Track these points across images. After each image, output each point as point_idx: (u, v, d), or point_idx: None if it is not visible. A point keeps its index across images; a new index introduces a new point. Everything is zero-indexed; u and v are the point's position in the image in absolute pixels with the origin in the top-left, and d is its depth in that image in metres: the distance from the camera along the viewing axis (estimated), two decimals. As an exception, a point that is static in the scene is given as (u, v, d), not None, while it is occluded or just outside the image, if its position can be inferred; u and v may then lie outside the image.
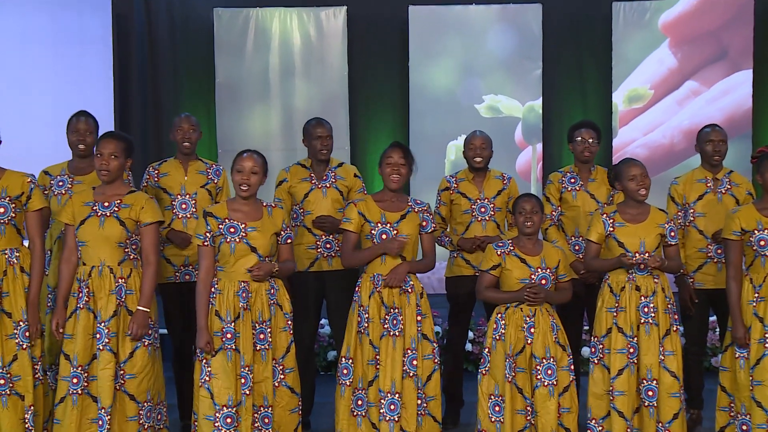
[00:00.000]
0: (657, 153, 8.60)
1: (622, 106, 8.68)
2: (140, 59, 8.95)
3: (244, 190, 4.43)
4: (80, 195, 4.56)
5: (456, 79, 8.66)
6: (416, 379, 4.60)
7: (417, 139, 8.46)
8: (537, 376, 4.55)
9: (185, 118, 5.34)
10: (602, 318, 4.73)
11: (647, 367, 4.61)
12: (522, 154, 8.68)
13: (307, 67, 8.70)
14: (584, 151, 5.33)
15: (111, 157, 4.46)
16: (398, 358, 4.55)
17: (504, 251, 4.70)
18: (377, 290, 4.62)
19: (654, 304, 4.65)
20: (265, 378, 4.43)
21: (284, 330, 4.52)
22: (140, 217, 4.49)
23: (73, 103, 6.56)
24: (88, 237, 4.44)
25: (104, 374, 4.36)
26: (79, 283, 4.45)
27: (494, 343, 4.66)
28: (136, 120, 8.92)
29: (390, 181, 4.67)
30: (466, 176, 5.49)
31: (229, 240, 4.40)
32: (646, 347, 4.63)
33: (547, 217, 5.34)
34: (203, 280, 4.42)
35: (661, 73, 8.67)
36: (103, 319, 4.40)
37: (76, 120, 5.08)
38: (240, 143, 7.86)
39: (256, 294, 4.43)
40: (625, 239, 4.69)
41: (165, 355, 4.76)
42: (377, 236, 4.64)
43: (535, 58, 8.60)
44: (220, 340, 4.37)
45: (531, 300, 4.58)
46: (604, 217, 4.77)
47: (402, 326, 4.59)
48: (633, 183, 4.72)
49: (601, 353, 4.72)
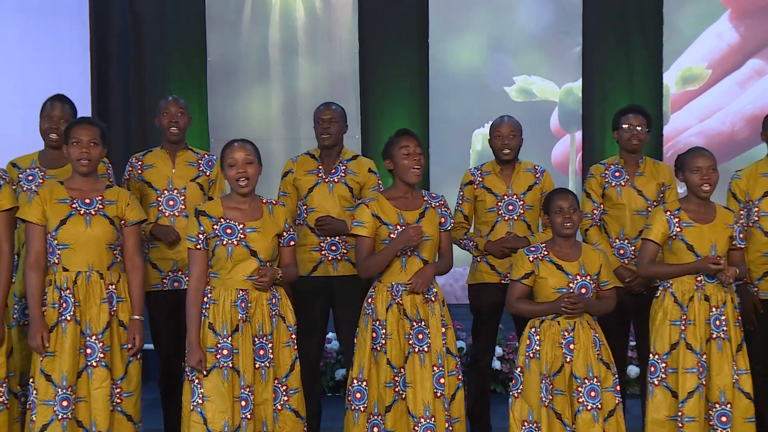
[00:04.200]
0: (715, 142, 8.57)
1: (674, 88, 8.66)
2: (121, 34, 8.95)
3: (243, 186, 4.43)
4: (50, 190, 4.53)
5: (483, 57, 8.66)
6: (444, 399, 4.61)
7: (438, 127, 8.47)
8: (579, 399, 4.55)
9: (172, 101, 5.37)
10: (665, 332, 4.72)
11: (720, 389, 4.61)
12: (558, 144, 8.67)
13: (312, 43, 8.71)
14: (631, 139, 5.33)
15: (91, 145, 4.48)
16: (428, 377, 4.56)
17: (537, 257, 4.70)
18: (396, 301, 4.62)
19: (725, 316, 4.66)
20: (265, 400, 4.42)
21: (287, 345, 4.51)
22: (126, 215, 4.53)
23: (45, 84, 6.60)
24: (72, 239, 4.45)
25: (100, 394, 4.39)
26: (60, 292, 4.45)
27: (528, 361, 4.66)
28: (116, 104, 8.92)
29: (412, 174, 4.66)
30: (492, 169, 5.50)
31: (226, 242, 4.40)
32: (719, 366, 4.63)
33: (587, 216, 5.34)
34: (194, 289, 4.43)
35: (720, 49, 8.64)
36: (94, 332, 4.43)
37: (51, 105, 5.10)
38: (235, 131, 7.89)
39: (255, 304, 4.43)
40: (695, 242, 4.69)
41: (151, 373, 4.80)
42: None
43: (575, 33, 8.58)
44: (214, 357, 4.37)
45: (569, 311, 4.58)
46: (668, 215, 4.77)
47: (429, 340, 4.60)
48: (696, 176, 4.72)
49: (663, 373, 4.71)
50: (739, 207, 5.21)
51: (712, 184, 4.72)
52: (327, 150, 5.43)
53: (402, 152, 4.66)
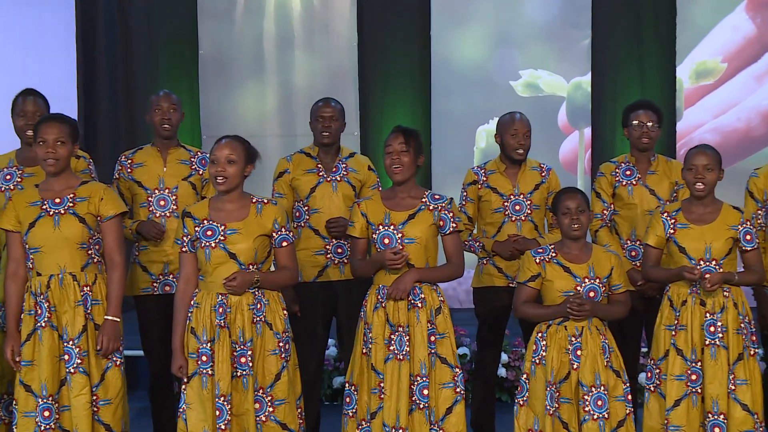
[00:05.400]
0: (730, 139, 8.60)
1: (688, 82, 8.68)
2: (108, 25, 8.96)
3: (220, 183, 4.42)
4: (22, 195, 4.56)
5: (488, 50, 8.68)
6: (428, 411, 4.59)
7: (440, 123, 8.49)
8: (584, 408, 4.56)
9: (164, 96, 5.38)
10: (660, 337, 4.77)
11: (713, 399, 4.62)
12: (567, 141, 8.70)
13: (308, 35, 8.73)
14: (642, 137, 5.35)
15: (57, 144, 4.47)
16: (404, 387, 4.54)
17: (544, 258, 4.72)
18: (382, 305, 4.63)
19: (722, 322, 4.67)
20: (246, 411, 4.38)
21: (273, 353, 4.46)
22: (100, 210, 4.52)
23: (28, 77, 6.58)
24: (41, 241, 4.46)
25: (80, 402, 4.40)
26: (35, 298, 4.46)
27: (533, 367, 4.68)
28: (103, 99, 8.94)
29: (391, 172, 4.66)
30: (497, 167, 5.51)
31: (204, 245, 4.41)
32: (712, 374, 4.64)
33: (597, 217, 5.36)
34: (181, 292, 4.47)
35: (736, 42, 8.66)
36: (71, 337, 4.43)
37: (23, 100, 5.08)
38: (228, 127, 7.88)
39: (236, 309, 4.40)
40: (688, 244, 4.71)
41: (141, 382, 4.81)
42: (378, 241, 4.65)
43: (583, 24, 8.60)
44: (195, 363, 4.39)
45: (574, 314, 4.60)
46: (665, 217, 4.80)
47: (408, 348, 4.58)
48: (691, 175, 4.74)
49: (657, 379, 4.76)
50: (757, 207, 5.19)
51: (706, 183, 4.71)
52: (326, 148, 5.44)
53: (385, 151, 4.67)
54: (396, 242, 4.62)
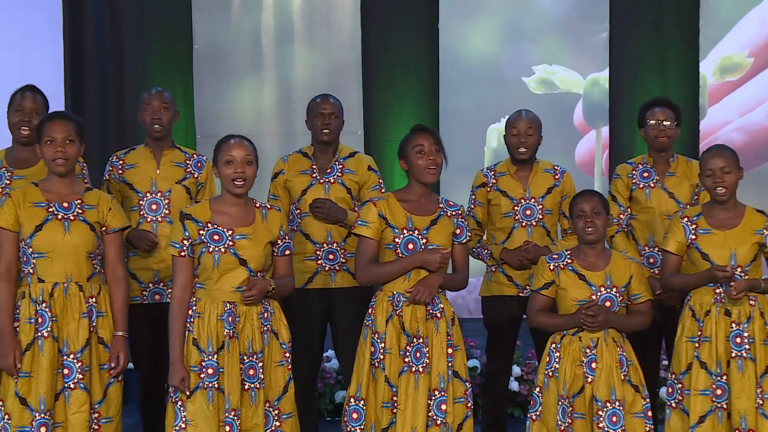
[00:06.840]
0: (758, 138, 8.59)
1: (712, 78, 8.68)
2: (97, 18, 8.97)
3: (239, 186, 4.43)
4: (23, 192, 4.54)
5: (499, 44, 8.69)
6: (445, 428, 4.61)
7: (449, 122, 8.50)
8: (598, 425, 4.58)
9: (156, 94, 5.40)
10: (682, 350, 4.79)
11: (740, 414, 4.64)
12: (583, 141, 8.70)
13: (309, 29, 8.74)
14: (659, 136, 5.36)
15: (66, 142, 4.50)
16: (422, 401, 4.56)
17: (559, 265, 4.74)
18: (397, 313, 4.64)
19: (749, 333, 4.69)
20: (255, 425, 4.42)
21: (281, 365, 4.51)
22: (108, 221, 4.57)
23: (12, 74, 6.65)
24: (48, 247, 4.47)
25: (78, 419, 4.41)
26: (36, 306, 4.46)
27: (546, 380, 4.70)
28: (92, 96, 8.93)
29: (427, 174, 4.68)
30: (507, 169, 5.54)
31: (212, 250, 4.41)
32: (740, 388, 4.66)
33: (614, 221, 5.38)
34: (178, 299, 4.45)
35: (762, 36, 8.65)
36: (72, 350, 4.45)
37: (21, 96, 5.14)
38: (224, 126, 7.91)
39: (245, 318, 4.42)
40: (711, 250, 4.73)
41: (131, 395, 4.82)
42: (402, 246, 4.66)
43: (601, 17, 8.61)
44: (198, 376, 4.38)
45: (588, 324, 4.61)
46: (685, 222, 4.81)
47: (428, 361, 4.61)
48: (710, 180, 4.74)
49: (680, 394, 4.77)
50: (785, 210, 5.24)
51: (727, 186, 4.72)
52: (323, 147, 5.47)
53: (415, 150, 4.67)
54: (420, 248, 4.65)
